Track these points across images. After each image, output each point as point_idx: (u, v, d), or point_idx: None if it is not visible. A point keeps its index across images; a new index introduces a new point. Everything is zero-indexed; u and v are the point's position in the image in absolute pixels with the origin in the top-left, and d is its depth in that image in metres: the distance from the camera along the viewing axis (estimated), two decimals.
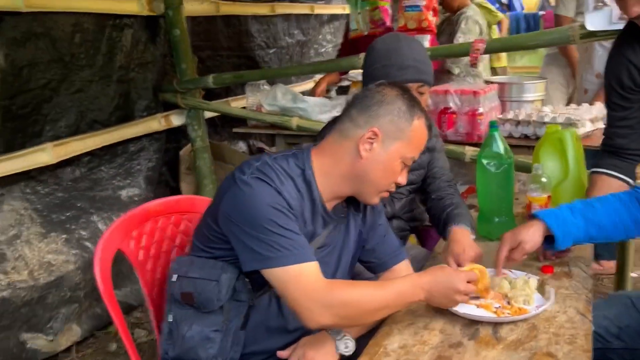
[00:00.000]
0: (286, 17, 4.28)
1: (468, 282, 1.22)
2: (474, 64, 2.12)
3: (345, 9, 4.42)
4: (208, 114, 3.18)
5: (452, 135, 2.32)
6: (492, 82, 2.55)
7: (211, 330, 1.27)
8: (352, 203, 1.39)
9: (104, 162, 2.68)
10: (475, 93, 2.26)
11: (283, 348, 1.30)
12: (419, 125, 1.24)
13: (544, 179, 1.68)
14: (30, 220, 2.28)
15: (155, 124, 2.91)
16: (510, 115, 2.32)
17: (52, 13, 2.37)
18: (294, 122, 2.64)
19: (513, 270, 1.43)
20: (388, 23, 2.25)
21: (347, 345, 1.25)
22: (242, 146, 3.86)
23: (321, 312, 1.13)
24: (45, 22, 2.35)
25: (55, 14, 2.38)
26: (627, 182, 1.55)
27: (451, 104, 2.29)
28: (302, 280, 1.14)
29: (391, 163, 1.24)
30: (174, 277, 1.34)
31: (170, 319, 1.35)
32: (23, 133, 2.33)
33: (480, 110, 2.27)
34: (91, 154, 2.61)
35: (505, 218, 1.73)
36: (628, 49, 1.47)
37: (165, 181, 3.27)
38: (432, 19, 2.18)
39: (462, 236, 1.54)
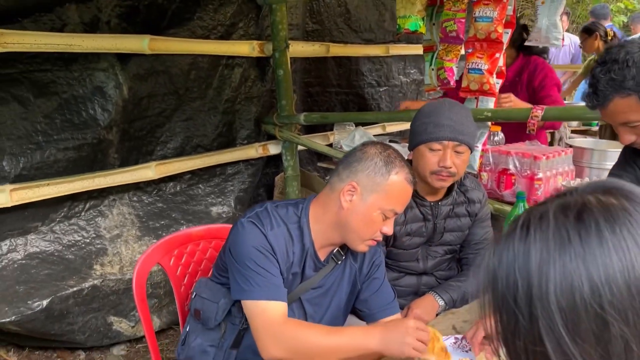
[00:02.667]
0: (402, 56, 4.45)
1: (420, 339, 1.29)
2: (531, 130, 2.10)
3: None
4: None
5: (508, 197, 2.31)
6: (570, 146, 2.47)
7: (208, 345, 1.50)
8: (351, 252, 1.55)
9: (202, 180, 3.10)
10: (535, 157, 2.23)
11: None
12: (396, 180, 1.37)
13: None
14: (132, 224, 2.74)
15: (252, 151, 3.27)
16: (577, 182, 2.25)
17: (173, 55, 2.84)
18: None
19: None
20: (452, 83, 2.32)
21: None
22: None
23: (273, 345, 1.31)
24: (166, 61, 2.82)
25: (175, 55, 2.85)
26: None
27: (511, 166, 2.29)
28: (265, 315, 1.33)
29: (370, 214, 1.37)
30: (193, 295, 1.61)
31: (187, 328, 1.62)
32: (137, 151, 2.81)
33: (539, 175, 2.23)
34: (192, 172, 3.04)
35: None
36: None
37: (262, 201, 3.62)
38: (494, 82, 2.21)
39: (425, 301, 1.79)
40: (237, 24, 3.13)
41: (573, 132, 4.47)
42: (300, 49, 3.49)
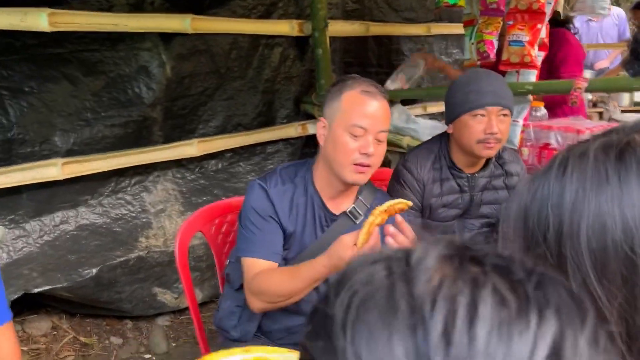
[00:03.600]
0: (444, 36, 4.38)
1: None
2: (574, 102, 2.05)
3: None
4: None
5: None
6: (616, 121, 2.39)
7: (235, 306, 1.56)
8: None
9: (243, 159, 3.16)
10: (578, 131, 2.17)
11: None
12: (349, 94, 1.39)
13: None
14: (175, 199, 2.83)
15: (292, 130, 3.31)
16: None
17: (214, 34, 2.89)
18: (405, 141, 2.81)
19: None
20: (492, 56, 2.28)
21: None
22: None
23: (252, 299, 1.41)
24: (208, 40, 2.88)
25: (217, 34, 2.91)
26: None
27: (552, 141, 2.24)
28: (249, 271, 1.41)
29: (338, 138, 1.39)
30: (228, 261, 1.68)
31: (222, 292, 1.69)
32: (180, 129, 2.90)
33: None
34: (233, 150, 3.11)
35: None
36: None
37: None
38: (535, 55, 2.16)
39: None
40: (277, 4, 3.15)
41: (624, 111, 4.30)
42: (340, 28, 3.49)
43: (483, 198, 1.89)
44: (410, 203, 1.32)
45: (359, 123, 1.37)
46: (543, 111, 2.58)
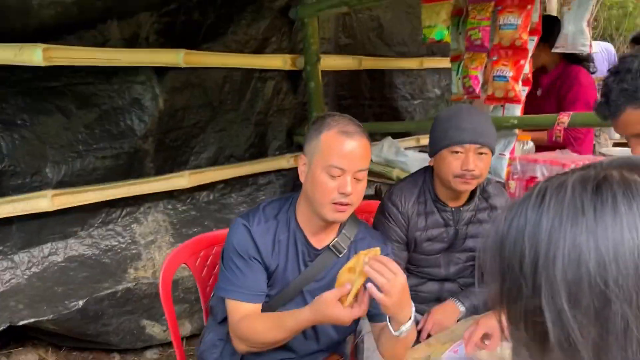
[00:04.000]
0: (436, 69, 4.46)
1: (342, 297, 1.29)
2: (557, 137, 2.07)
3: None
4: None
5: None
6: (603, 155, 2.42)
7: (218, 339, 1.56)
8: (354, 247, 1.56)
9: (235, 190, 3.18)
10: (564, 165, 2.19)
11: None
12: (327, 134, 1.39)
13: None
14: (165, 230, 2.84)
15: (284, 162, 3.34)
16: None
17: (207, 68, 2.95)
18: (395, 173, 2.83)
19: None
20: (477, 91, 2.32)
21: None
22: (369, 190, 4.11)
23: (237, 343, 1.43)
24: (201, 74, 2.94)
25: (210, 68, 2.96)
26: None
27: (538, 174, 2.26)
28: (233, 314, 1.43)
29: (317, 177, 1.40)
30: (212, 294, 1.68)
31: (205, 324, 1.68)
32: (173, 161, 2.92)
33: None
34: (225, 182, 3.13)
35: None
36: None
37: None
38: (519, 89, 2.20)
39: (446, 307, 1.81)
40: (269, 39, 3.22)
41: (615, 144, 4.34)
42: (333, 62, 3.56)
43: (468, 231, 1.90)
44: (378, 250, 1.31)
45: (336, 164, 1.37)
46: (530, 144, 2.61)
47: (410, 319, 1.32)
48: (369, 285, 1.27)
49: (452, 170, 1.72)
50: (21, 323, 2.21)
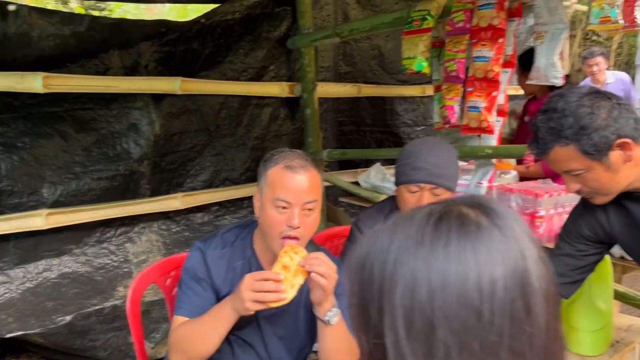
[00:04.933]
0: None
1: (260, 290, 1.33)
2: (527, 167, 2.10)
3: None
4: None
5: None
6: None
7: None
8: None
9: (229, 212, 3.27)
10: (537, 195, 2.21)
11: None
12: (273, 171, 1.45)
13: None
14: (158, 250, 2.94)
15: None
16: None
17: (204, 95, 3.07)
18: (381, 198, 2.87)
19: None
20: (453, 121, 2.36)
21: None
22: None
23: (171, 356, 1.46)
24: (198, 101, 3.06)
25: (207, 95, 3.09)
26: None
27: (513, 203, 2.28)
28: (171, 329, 1.49)
29: (266, 210, 1.45)
30: None
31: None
32: (168, 183, 3.04)
33: (541, 212, 2.20)
34: (220, 204, 3.22)
35: None
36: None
37: None
38: (493, 120, 2.24)
39: None
40: (267, 67, 3.34)
41: None
42: (331, 89, 3.65)
43: None
44: (304, 250, 1.41)
45: (282, 197, 1.42)
46: (513, 173, 2.63)
47: (334, 306, 1.41)
48: (313, 274, 1.35)
49: (408, 206, 1.77)
50: (8, 335, 2.32)
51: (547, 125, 1.29)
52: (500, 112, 2.28)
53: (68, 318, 2.47)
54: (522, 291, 0.58)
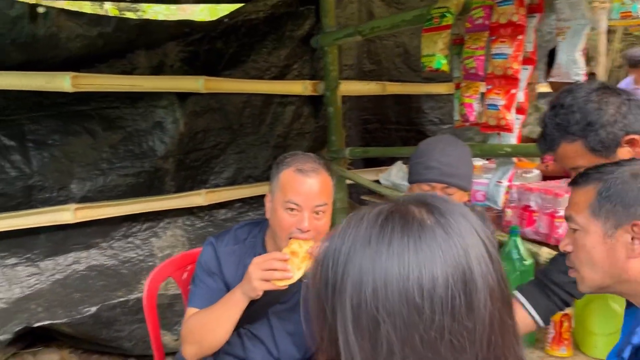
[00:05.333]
0: None
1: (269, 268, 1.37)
2: (547, 166, 2.06)
3: None
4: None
5: (530, 234, 2.24)
6: None
7: None
8: None
9: (252, 208, 3.32)
10: (556, 195, 2.16)
11: None
12: (284, 173, 1.48)
13: None
14: (182, 245, 3.01)
15: None
16: None
17: (227, 94, 3.13)
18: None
19: None
20: (471, 119, 2.34)
21: None
22: None
23: (184, 347, 1.49)
24: (221, 99, 3.12)
25: (230, 94, 3.14)
26: (536, 323, 1.43)
27: (532, 203, 2.23)
28: (184, 319, 1.53)
29: (277, 212, 1.47)
30: None
31: None
32: (192, 180, 3.11)
33: (561, 213, 2.15)
34: (243, 200, 3.28)
35: None
36: None
37: None
38: (511, 118, 2.20)
39: None
40: (291, 65, 3.37)
41: None
42: (355, 87, 3.66)
43: None
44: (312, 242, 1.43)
45: (292, 200, 1.44)
46: (535, 172, 2.58)
47: None
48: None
49: None
50: (37, 324, 2.43)
51: (554, 121, 1.27)
52: (519, 110, 2.24)
53: (93, 309, 2.56)
54: (464, 288, 0.59)
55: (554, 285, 1.42)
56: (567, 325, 1.64)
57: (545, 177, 2.61)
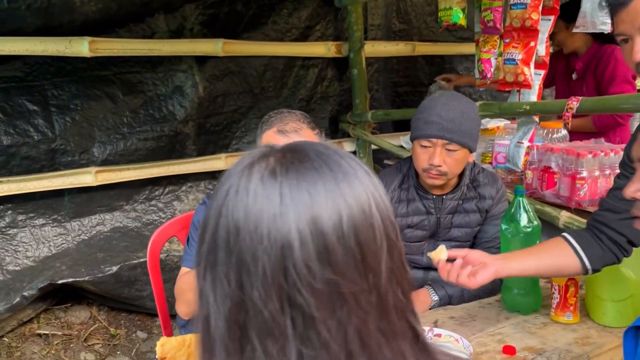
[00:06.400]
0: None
1: None
2: (567, 123, 1.92)
3: None
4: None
5: (550, 197, 2.12)
6: None
7: None
8: None
9: None
10: (579, 155, 2.02)
11: None
12: (266, 135, 1.45)
13: None
14: None
15: None
16: None
17: (247, 57, 3.09)
18: None
19: (461, 338, 1.41)
20: (489, 75, 2.20)
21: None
22: None
23: (177, 305, 1.53)
24: (241, 62, 3.09)
25: (250, 57, 3.11)
26: (585, 268, 1.32)
27: (553, 164, 2.10)
28: (178, 278, 1.57)
29: None
30: None
31: None
32: (214, 144, 3.12)
33: (583, 174, 2.02)
34: None
35: (523, 291, 1.63)
36: None
37: None
38: (530, 73, 2.05)
39: (418, 294, 1.71)
40: (313, 27, 3.29)
41: None
42: (382, 48, 3.54)
43: (453, 221, 1.84)
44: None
45: None
46: (562, 133, 2.42)
47: None
48: None
49: (420, 163, 1.70)
50: (60, 281, 2.53)
51: None
52: (540, 65, 2.09)
53: (114, 268, 2.64)
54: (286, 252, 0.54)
55: (610, 231, 1.32)
56: (574, 290, 1.55)
57: (573, 138, 2.46)
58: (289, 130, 1.44)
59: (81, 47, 2.57)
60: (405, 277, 0.59)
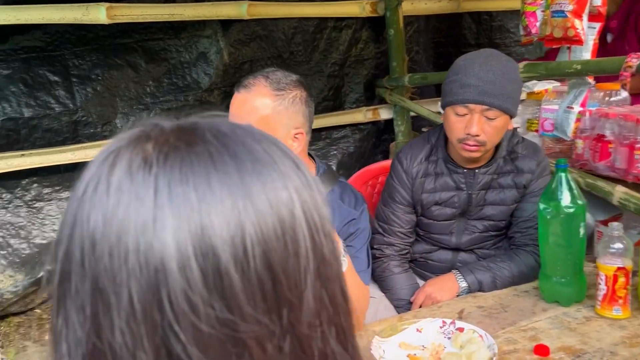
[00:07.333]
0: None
1: None
2: (624, 84, 1.64)
3: None
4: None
5: (603, 169, 1.85)
6: None
7: None
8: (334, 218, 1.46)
9: None
10: (638, 121, 1.74)
11: None
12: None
13: (619, 244, 1.33)
14: None
15: (359, 116, 3.20)
16: None
17: (275, 19, 2.91)
18: None
19: (485, 334, 1.24)
20: (534, 31, 1.93)
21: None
22: None
23: None
24: (268, 25, 2.92)
25: (278, 19, 2.92)
26: None
27: (607, 132, 1.83)
28: None
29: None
30: None
31: None
32: None
33: None
34: None
35: (564, 279, 1.42)
36: None
37: None
38: (583, 27, 1.77)
39: (444, 279, 1.58)
40: None
41: None
42: (423, 6, 3.27)
43: (486, 197, 1.64)
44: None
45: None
46: (623, 95, 2.12)
47: (343, 252, 1.24)
48: None
49: (455, 132, 1.50)
50: None
51: None
52: (596, 17, 1.81)
53: None
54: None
55: None
56: (624, 281, 1.32)
57: (636, 102, 2.15)
58: (242, 84, 1.30)
59: (99, 13, 2.47)
60: (345, 312, 0.42)
